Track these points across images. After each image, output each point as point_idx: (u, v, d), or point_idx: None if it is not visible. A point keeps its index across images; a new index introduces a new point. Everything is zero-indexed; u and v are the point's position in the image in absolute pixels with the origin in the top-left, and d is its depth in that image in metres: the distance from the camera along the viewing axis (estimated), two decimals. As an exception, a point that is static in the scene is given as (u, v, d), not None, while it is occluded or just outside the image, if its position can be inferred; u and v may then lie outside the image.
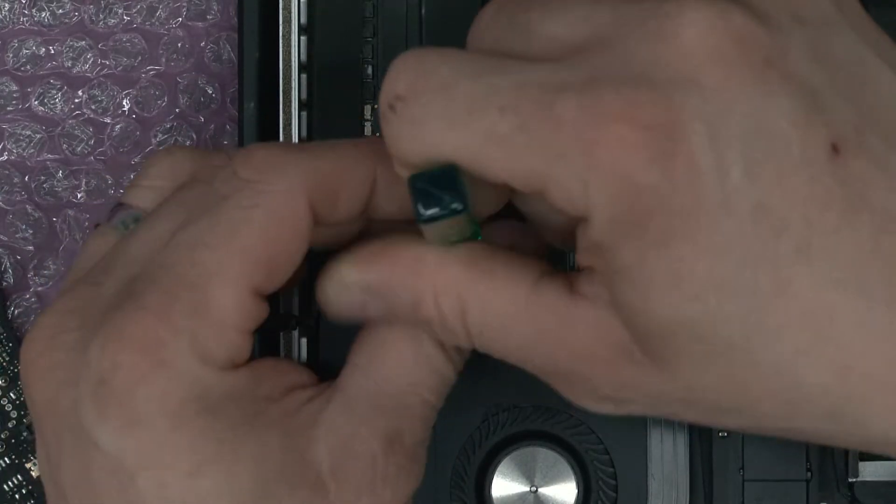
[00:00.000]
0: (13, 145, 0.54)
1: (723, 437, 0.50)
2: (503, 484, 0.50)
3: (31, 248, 0.54)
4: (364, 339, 0.42)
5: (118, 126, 0.54)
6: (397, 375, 0.42)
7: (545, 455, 0.50)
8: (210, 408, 0.39)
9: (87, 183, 0.54)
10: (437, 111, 0.37)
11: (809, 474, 0.50)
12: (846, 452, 0.50)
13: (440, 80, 0.37)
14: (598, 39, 0.36)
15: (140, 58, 0.54)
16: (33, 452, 0.54)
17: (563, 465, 0.50)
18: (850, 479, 0.50)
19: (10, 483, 0.54)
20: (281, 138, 0.50)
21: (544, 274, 0.39)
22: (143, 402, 0.38)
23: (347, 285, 0.40)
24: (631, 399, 0.38)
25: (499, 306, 0.39)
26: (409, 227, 0.41)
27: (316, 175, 0.40)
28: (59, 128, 0.54)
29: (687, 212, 0.35)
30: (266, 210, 0.40)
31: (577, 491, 0.50)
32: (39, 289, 0.54)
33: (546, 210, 0.38)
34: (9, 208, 0.54)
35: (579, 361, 0.38)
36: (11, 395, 0.54)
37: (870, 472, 0.50)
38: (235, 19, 0.53)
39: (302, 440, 0.40)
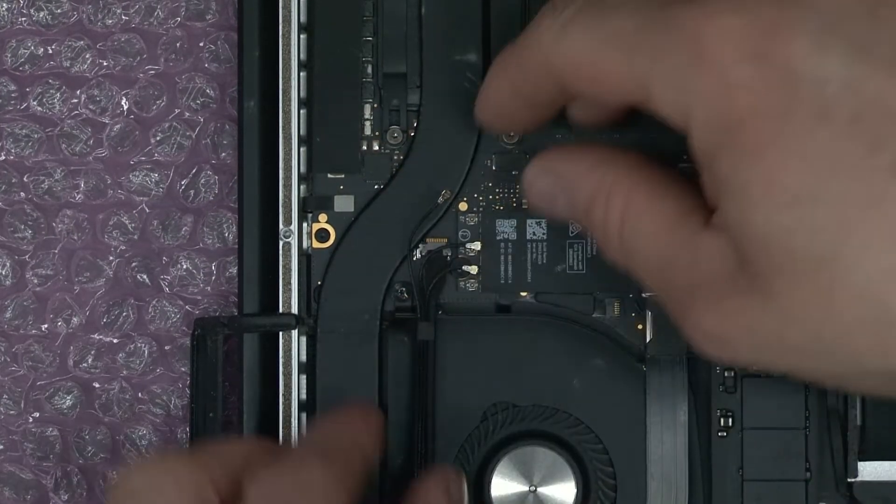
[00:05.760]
0: (12, 145, 0.54)
1: (722, 437, 0.50)
2: (502, 483, 0.50)
3: (29, 247, 0.54)
4: None
5: (117, 126, 0.54)
6: None
7: (544, 455, 0.50)
8: None
9: (85, 183, 0.54)
10: (584, 16, 0.39)
11: (809, 474, 0.50)
12: (846, 452, 0.50)
13: None
14: None
15: (139, 58, 0.54)
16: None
17: (563, 465, 0.50)
18: (849, 479, 0.50)
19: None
20: (281, 137, 0.50)
21: (696, 206, 0.40)
22: None
23: (545, 170, 0.43)
24: (732, 337, 0.39)
25: (649, 221, 0.40)
26: None
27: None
28: (58, 128, 0.54)
29: (779, 116, 0.35)
30: None
31: (576, 491, 0.50)
32: (37, 289, 0.54)
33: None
34: (7, 208, 0.54)
35: (693, 292, 0.39)
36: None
37: (869, 472, 0.50)
38: (234, 19, 0.53)
39: None
